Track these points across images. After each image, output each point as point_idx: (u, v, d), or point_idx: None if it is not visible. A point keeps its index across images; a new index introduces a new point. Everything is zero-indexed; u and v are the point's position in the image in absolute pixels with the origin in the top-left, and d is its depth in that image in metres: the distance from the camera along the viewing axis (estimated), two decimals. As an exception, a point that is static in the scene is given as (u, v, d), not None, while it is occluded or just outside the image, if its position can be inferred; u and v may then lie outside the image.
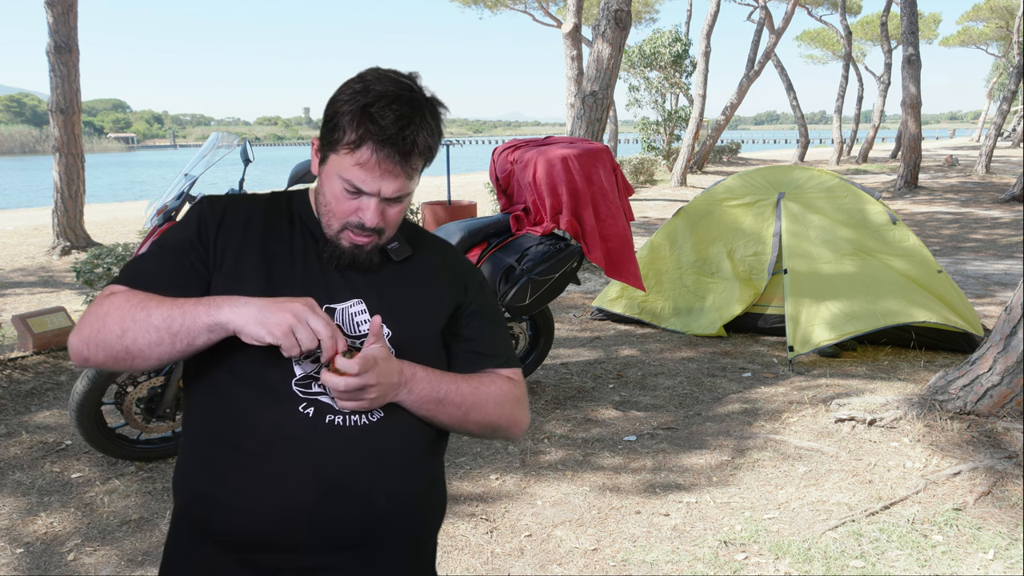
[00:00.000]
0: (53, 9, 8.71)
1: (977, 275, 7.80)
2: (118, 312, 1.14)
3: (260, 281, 1.21)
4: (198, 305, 1.12)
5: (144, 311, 1.13)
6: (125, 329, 1.13)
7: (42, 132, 77.41)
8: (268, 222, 1.27)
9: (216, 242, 1.23)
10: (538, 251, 3.89)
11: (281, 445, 1.16)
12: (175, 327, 1.12)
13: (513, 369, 1.37)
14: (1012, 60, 31.39)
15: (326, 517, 1.15)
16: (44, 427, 3.95)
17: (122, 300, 1.16)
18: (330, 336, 1.10)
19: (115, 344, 1.14)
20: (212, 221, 1.25)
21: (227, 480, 1.17)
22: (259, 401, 1.17)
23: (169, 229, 1.28)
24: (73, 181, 9.20)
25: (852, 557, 2.69)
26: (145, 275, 1.21)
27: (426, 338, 1.28)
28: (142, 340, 1.13)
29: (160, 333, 1.12)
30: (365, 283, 1.25)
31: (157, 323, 1.12)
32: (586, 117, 7.51)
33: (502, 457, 3.59)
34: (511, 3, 25.38)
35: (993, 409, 3.57)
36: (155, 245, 1.26)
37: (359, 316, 1.23)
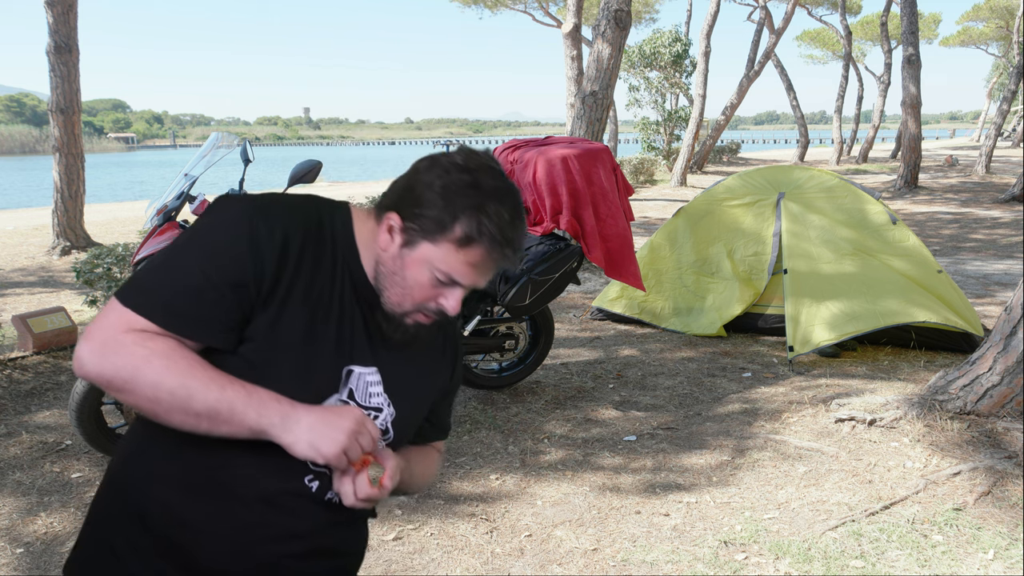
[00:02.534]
0: (53, 9, 8.71)
1: (977, 275, 7.80)
2: (154, 374, 1.03)
3: (300, 331, 1.12)
4: (247, 407, 1.05)
5: (185, 388, 1.03)
6: (159, 399, 1.04)
7: (42, 132, 77.41)
8: (318, 257, 1.14)
9: (273, 274, 1.09)
10: (538, 251, 3.89)
11: (282, 506, 1.14)
12: (218, 420, 1.05)
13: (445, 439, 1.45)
14: (1012, 60, 31.39)
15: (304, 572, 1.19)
16: (44, 427, 3.95)
17: (161, 363, 1.03)
18: (372, 449, 1.12)
19: (145, 405, 1.06)
20: (269, 248, 1.09)
21: (211, 518, 1.12)
22: (264, 461, 1.12)
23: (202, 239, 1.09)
24: (73, 181, 9.20)
25: (852, 557, 2.69)
26: (183, 314, 1.06)
27: (414, 422, 1.31)
28: (176, 418, 1.05)
29: (199, 419, 1.05)
30: (384, 352, 1.21)
31: (198, 410, 1.04)
32: (586, 117, 7.51)
33: (502, 457, 3.59)
34: (511, 3, 25.37)
35: (993, 409, 3.57)
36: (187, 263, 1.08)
37: (373, 387, 1.19)
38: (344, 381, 1.16)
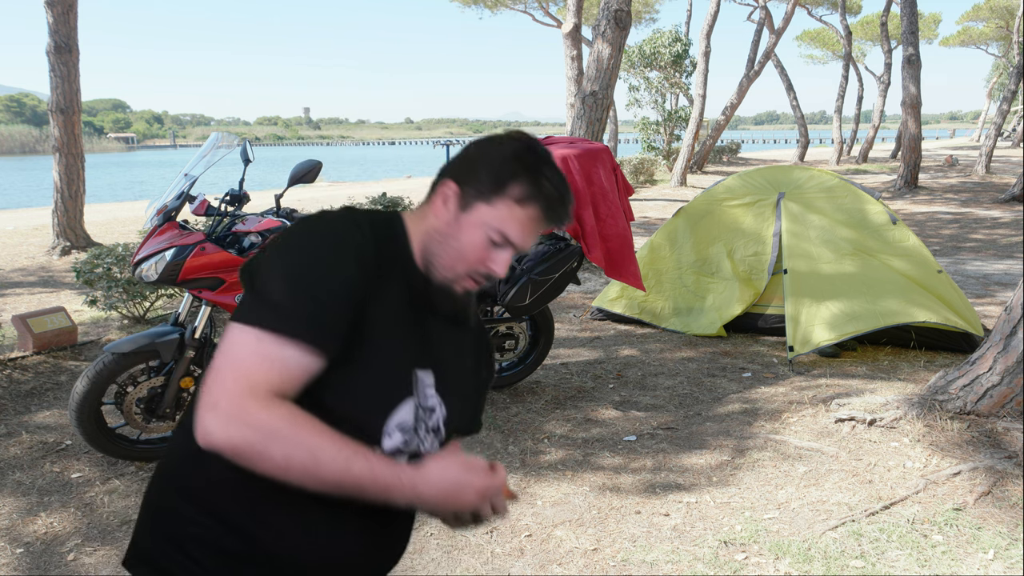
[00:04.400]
0: (53, 9, 8.70)
1: (977, 275, 7.80)
2: (285, 444, 1.02)
3: (385, 339, 1.15)
4: (373, 481, 1.06)
5: (313, 458, 1.03)
6: (290, 468, 1.03)
7: (42, 132, 77.41)
8: (388, 264, 1.17)
9: (368, 285, 1.12)
10: (538, 251, 3.89)
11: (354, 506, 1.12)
12: (345, 489, 1.06)
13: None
14: (1012, 60, 31.39)
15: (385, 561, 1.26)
16: (44, 427, 3.95)
17: (288, 429, 1.02)
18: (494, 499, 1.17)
19: (271, 471, 1.04)
20: (370, 261, 1.13)
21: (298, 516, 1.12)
22: None
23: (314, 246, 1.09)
24: (73, 181, 9.20)
25: (852, 557, 2.69)
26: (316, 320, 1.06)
27: (467, 415, 1.35)
28: (306, 484, 1.05)
29: (323, 486, 1.05)
30: (438, 349, 1.23)
31: (328, 479, 1.04)
32: (586, 117, 7.51)
33: (502, 457, 3.59)
34: (511, 3, 25.38)
35: (993, 409, 3.57)
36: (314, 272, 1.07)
37: (429, 388, 1.21)
38: (416, 384, 1.19)
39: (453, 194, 1.20)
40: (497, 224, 1.18)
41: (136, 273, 3.33)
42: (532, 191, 1.17)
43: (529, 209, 1.18)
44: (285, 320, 1.05)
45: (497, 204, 1.18)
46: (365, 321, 1.11)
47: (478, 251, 1.19)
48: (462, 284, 1.22)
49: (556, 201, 1.19)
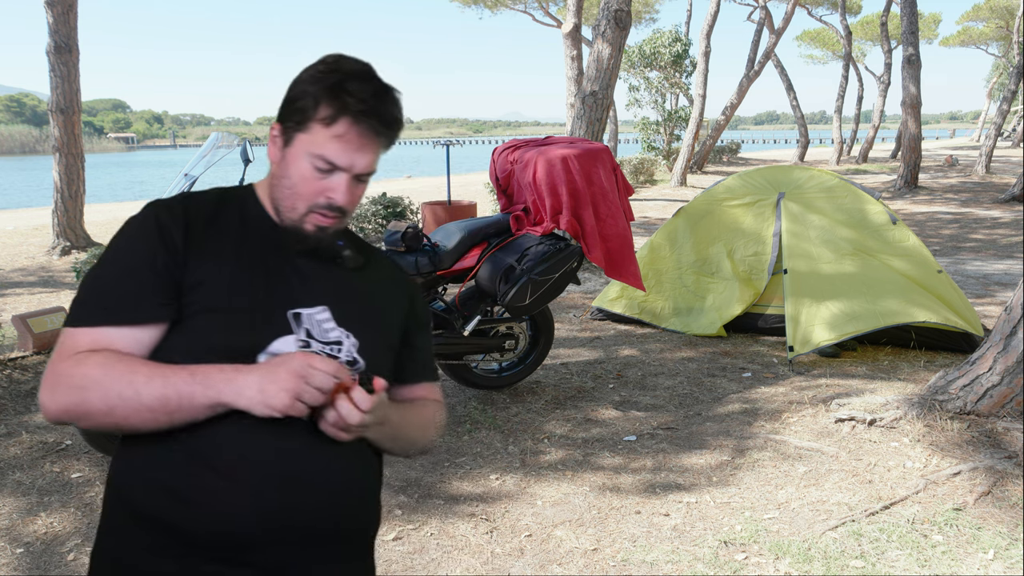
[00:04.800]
0: (53, 9, 8.70)
1: (977, 275, 7.80)
2: (99, 388, 1.09)
3: (227, 289, 1.18)
4: (193, 384, 1.09)
5: (131, 387, 1.08)
6: (112, 407, 1.09)
7: (42, 132, 77.38)
8: (224, 222, 1.24)
9: (184, 249, 1.18)
10: (538, 251, 3.89)
11: (249, 442, 1.13)
12: (171, 407, 1.09)
13: (437, 384, 1.45)
14: (1012, 60, 31.39)
15: (293, 513, 1.15)
16: (44, 427, 3.95)
17: (99, 371, 1.09)
18: (335, 380, 1.10)
19: (104, 419, 1.11)
20: (175, 225, 1.19)
21: (194, 475, 1.13)
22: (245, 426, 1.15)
23: (119, 243, 1.19)
24: (73, 181, 9.20)
25: (852, 557, 2.69)
26: (115, 301, 1.15)
27: (388, 349, 1.31)
28: (135, 420, 1.10)
29: (155, 414, 1.09)
30: (327, 289, 1.25)
31: (150, 403, 1.09)
32: (586, 117, 7.51)
33: (502, 457, 3.59)
34: (511, 3, 25.37)
35: (993, 409, 3.57)
36: (110, 262, 1.18)
37: (327, 323, 1.22)
38: (296, 324, 1.20)
39: (278, 134, 1.23)
40: (314, 149, 1.18)
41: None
42: (336, 108, 1.16)
43: (338, 126, 1.17)
44: (82, 313, 1.15)
45: (311, 129, 1.18)
46: (199, 282, 1.17)
47: (309, 182, 1.20)
48: (311, 222, 1.22)
49: (365, 110, 1.17)
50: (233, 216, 1.25)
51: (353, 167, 1.20)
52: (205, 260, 1.19)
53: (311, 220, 1.22)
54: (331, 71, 1.19)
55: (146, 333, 1.16)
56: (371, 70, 1.21)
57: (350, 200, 1.22)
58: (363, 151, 1.19)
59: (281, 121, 1.22)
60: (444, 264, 3.93)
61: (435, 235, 4.08)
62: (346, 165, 1.19)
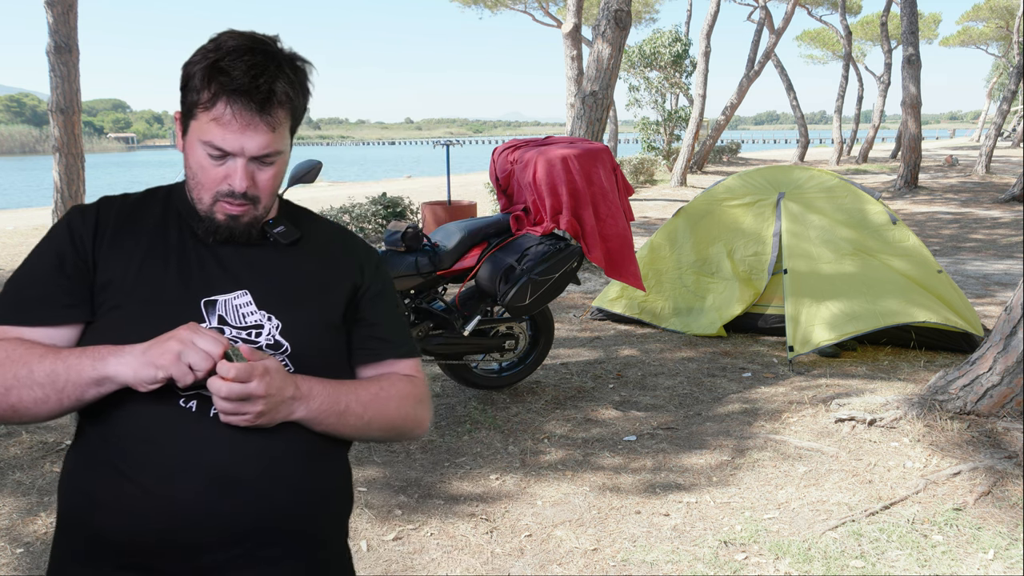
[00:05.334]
0: (53, 9, 8.70)
1: (977, 275, 7.80)
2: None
3: (136, 284, 1.16)
4: (82, 357, 1.08)
5: (26, 367, 1.08)
6: (8, 387, 1.08)
7: (42, 132, 77.34)
8: (141, 219, 1.22)
9: (93, 249, 1.17)
10: (538, 251, 3.89)
11: (164, 439, 1.10)
12: (60, 383, 1.07)
13: (413, 361, 1.32)
14: (1012, 60, 31.38)
15: (217, 512, 1.09)
16: (44, 427, 3.95)
17: (2, 355, 1.10)
18: (220, 344, 1.05)
19: (7, 404, 1.09)
20: (84, 228, 1.19)
21: (110, 480, 1.11)
22: (138, 398, 1.10)
23: (38, 245, 1.21)
24: (73, 181, 9.19)
25: (852, 557, 2.69)
26: (27, 305, 1.15)
27: (322, 328, 1.22)
28: (27, 398, 1.08)
29: (45, 390, 1.07)
30: (250, 273, 1.20)
31: (40, 380, 1.07)
32: (586, 117, 7.51)
33: (502, 457, 3.59)
34: (511, 3, 25.37)
35: (993, 409, 3.58)
36: (28, 264, 1.19)
37: (245, 308, 1.17)
38: (209, 312, 1.16)
39: (177, 124, 1.20)
40: (202, 136, 1.13)
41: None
42: (213, 89, 1.10)
43: (216, 108, 1.11)
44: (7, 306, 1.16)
45: (197, 115, 1.13)
46: (108, 282, 1.16)
47: (207, 171, 1.16)
48: (220, 211, 1.17)
49: (236, 88, 1.10)
50: (154, 212, 1.23)
51: (244, 150, 1.13)
52: (114, 259, 1.17)
53: (219, 209, 1.17)
54: (211, 50, 1.13)
55: (59, 333, 1.15)
56: (254, 45, 1.13)
57: (253, 185, 1.16)
58: (249, 132, 1.12)
59: (180, 107, 1.18)
60: (444, 264, 3.93)
61: (435, 235, 4.08)
62: (235, 149, 1.13)
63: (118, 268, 1.17)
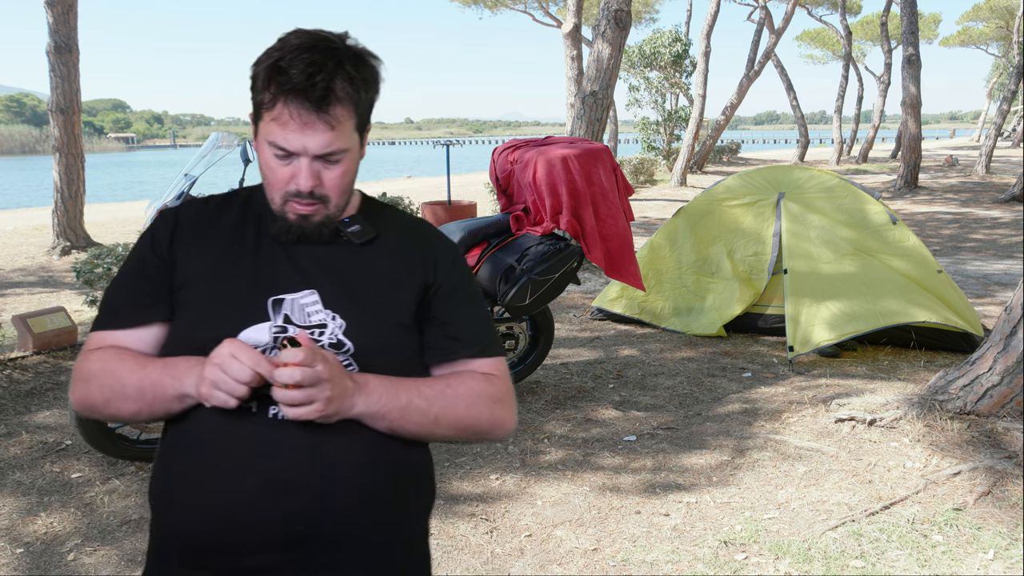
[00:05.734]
0: (53, 9, 8.70)
1: (977, 275, 7.80)
2: (96, 380, 1.17)
3: (208, 282, 1.19)
4: (164, 375, 1.13)
5: (119, 381, 1.15)
6: (107, 399, 1.16)
7: (42, 132, 77.31)
8: (219, 220, 1.25)
9: (170, 250, 1.22)
10: (538, 251, 3.89)
11: (225, 441, 1.12)
12: (148, 398, 1.14)
13: (492, 360, 1.26)
14: (1012, 60, 31.38)
15: (269, 515, 1.09)
16: (44, 427, 3.95)
17: (98, 366, 1.17)
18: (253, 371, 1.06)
19: (105, 411, 1.19)
20: (164, 230, 1.24)
21: (181, 480, 1.15)
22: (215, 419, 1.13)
23: (127, 256, 1.28)
24: (73, 181, 9.20)
25: (852, 557, 2.69)
26: (116, 309, 1.23)
27: (388, 328, 1.20)
28: (126, 410, 1.16)
29: (138, 404, 1.14)
30: (319, 272, 1.20)
31: (132, 394, 1.14)
32: (586, 117, 7.51)
33: (502, 457, 3.59)
34: (511, 3, 25.37)
35: (993, 409, 3.57)
36: (119, 271, 1.27)
37: (311, 307, 1.18)
38: (275, 310, 1.17)
39: (251, 125, 1.20)
40: (267, 136, 1.14)
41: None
42: (273, 90, 1.11)
43: (276, 108, 1.11)
44: (97, 319, 1.24)
45: (263, 116, 1.14)
46: (184, 281, 1.20)
47: (275, 171, 1.16)
48: (291, 211, 1.18)
49: (292, 88, 1.09)
50: (234, 212, 1.26)
51: (306, 149, 1.13)
52: (192, 259, 1.21)
53: (290, 209, 1.18)
54: (276, 50, 1.12)
55: (147, 332, 1.21)
56: (315, 43, 1.12)
57: (319, 184, 1.15)
58: (309, 131, 1.11)
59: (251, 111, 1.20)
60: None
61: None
62: (297, 149, 1.13)
63: (195, 267, 1.21)
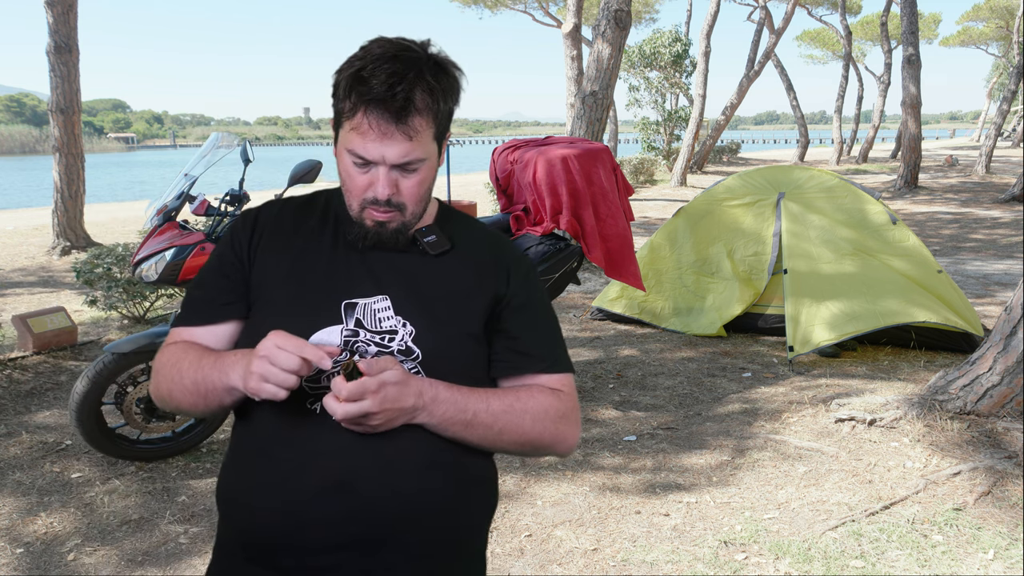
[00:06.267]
0: (53, 9, 8.70)
1: (977, 275, 7.80)
2: (164, 372, 1.22)
3: (284, 283, 1.21)
4: (214, 369, 1.16)
5: (180, 374, 1.19)
6: (171, 391, 1.21)
7: (42, 132, 77.31)
8: (298, 222, 1.27)
9: (249, 250, 1.25)
10: (538, 251, 3.89)
11: (287, 441, 1.14)
12: (202, 391, 1.17)
13: (561, 376, 1.26)
14: (1012, 60, 31.39)
15: (327, 515, 1.11)
16: (44, 427, 3.95)
17: (166, 358, 1.23)
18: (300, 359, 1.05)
19: (171, 402, 1.23)
20: (244, 230, 1.26)
21: (244, 479, 1.18)
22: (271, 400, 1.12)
23: (210, 254, 1.32)
24: (73, 181, 9.20)
25: (852, 557, 2.69)
26: (193, 306, 1.27)
27: (458, 337, 1.20)
28: (186, 402, 1.20)
29: (195, 397, 1.18)
30: (393, 278, 1.21)
31: (189, 387, 1.18)
32: (586, 117, 7.51)
33: (502, 457, 3.59)
34: (511, 3, 25.38)
35: (993, 409, 3.57)
36: (199, 275, 1.30)
37: (383, 312, 1.18)
38: (347, 314, 1.18)
39: (333, 129, 1.22)
40: (346, 144, 1.15)
41: (136, 273, 3.33)
42: (353, 99, 1.12)
43: (356, 118, 1.12)
44: (177, 317, 1.30)
45: (343, 124, 1.16)
46: (261, 280, 1.23)
47: (353, 179, 1.17)
48: (368, 217, 1.19)
49: (372, 99, 1.10)
50: (315, 215, 1.28)
51: (385, 159, 1.14)
52: (270, 260, 1.24)
53: (368, 216, 1.19)
54: (358, 58, 1.13)
55: (222, 329, 1.25)
56: (397, 52, 1.12)
57: (397, 192, 1.16)
58: (387, 141, 1.12)
59: (333, 115, 1.21)
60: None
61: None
62: (375, 158, 1.14)
63: (271, 268, 1.23)
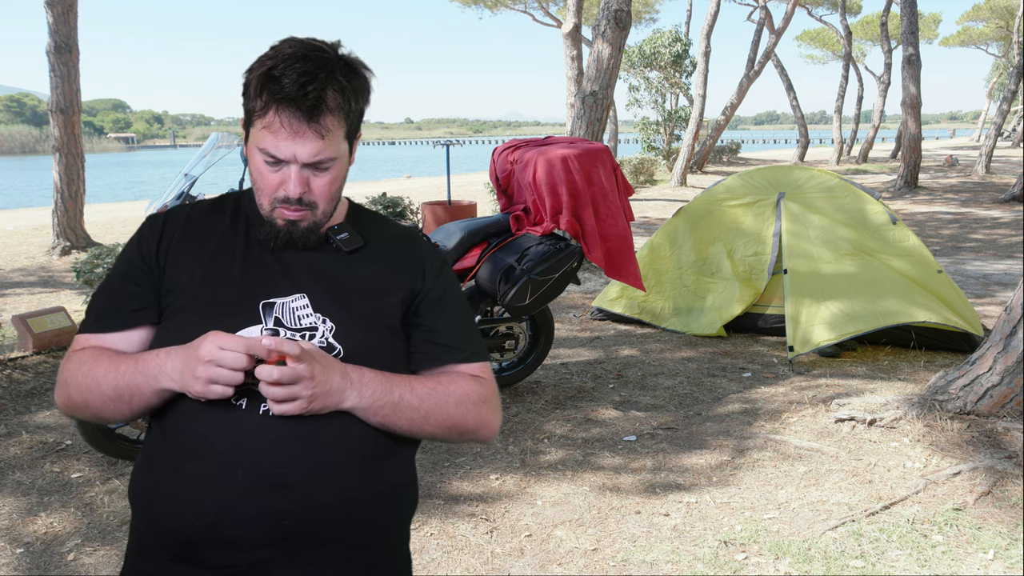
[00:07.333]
0: (53, 9, 8.70)
1: (977, 275, 7.80)
2: (75, 381, 1.18)
3: (200, 286, 1.20)
4: (135, 372, 1.14)
5: (95, 380, 1.16)
6: (86, 399, 1.17)
7: (42, 132, 77.29)
8: (208, 224, 1.26)
9: (157, 255, 1.23)
10: (538, 251, 3.89)
11: (213, 436, 1.12)
12: (126, 396, 1.15)
13: (479, 364, 1.29)
14: (1012, 60, 31.38)
15: (258, 510, 1.10)
16: (44, 427, 3.95)
17: (76, 367, 1.19)
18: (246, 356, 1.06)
19: (85, 411, 1.19)
20: (151, 235, 1.25)
21: (165, 475, 1.15)
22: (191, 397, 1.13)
23: (116, 259, 1.29)
24: (73, 181, 9.20)
25: (852, 557, 2.69)
26: (101, 313, 1.24)
27: (377, 332, 1.22)
28: (107, 410, 1.17)
29: (117, 403, 1.16)
30: (309, 276, 1.22)
31: (109, 393, 1.15)
32: (586, 117, 7.51)
33: (502, 457, 3.59)
34: (511, 3, 25.37)
35: (993, 409, 3.57)
36: (106, 280, 1.27)
37: (301, 310, 1.19)
38: (266, 313, 1.19)
39: (243, 130, 1.22)
40: (258, 143, 1.15)
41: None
42: (265, 97, 1.12)
43: (267, 116, 1.13)
44: (83, 322, 1.26)
45: (254, 122, 1.16)
46: (173, 285, 1.22)
47: (264, 177, 1.17)
48: (279, 216, 1.19)
49: (284, 97, 1.11)
50: (224, 217, 1.28)
51: (296, 157, 1.14)
52: (181, 263, 1.22)
53: (279, 215, 1.20)
54: (268, 58, 1.14)
55: (133, 335, 1.22)
56: (308, 52, 1.13)
57: (308, 191, 1.17)
58: (299, 139, 1.13)
59: (243, 116, 1.21)
60: (444, 264, 3.92)
61: (435, 235, 4.08)
62: (287, 156, 1.14)
63: (184, 272, 1.22)
